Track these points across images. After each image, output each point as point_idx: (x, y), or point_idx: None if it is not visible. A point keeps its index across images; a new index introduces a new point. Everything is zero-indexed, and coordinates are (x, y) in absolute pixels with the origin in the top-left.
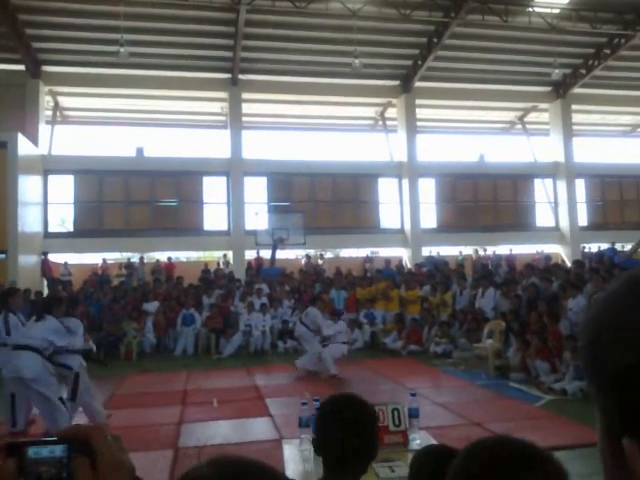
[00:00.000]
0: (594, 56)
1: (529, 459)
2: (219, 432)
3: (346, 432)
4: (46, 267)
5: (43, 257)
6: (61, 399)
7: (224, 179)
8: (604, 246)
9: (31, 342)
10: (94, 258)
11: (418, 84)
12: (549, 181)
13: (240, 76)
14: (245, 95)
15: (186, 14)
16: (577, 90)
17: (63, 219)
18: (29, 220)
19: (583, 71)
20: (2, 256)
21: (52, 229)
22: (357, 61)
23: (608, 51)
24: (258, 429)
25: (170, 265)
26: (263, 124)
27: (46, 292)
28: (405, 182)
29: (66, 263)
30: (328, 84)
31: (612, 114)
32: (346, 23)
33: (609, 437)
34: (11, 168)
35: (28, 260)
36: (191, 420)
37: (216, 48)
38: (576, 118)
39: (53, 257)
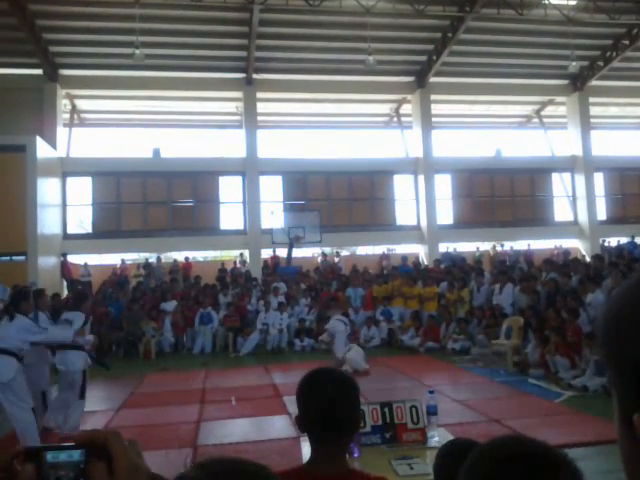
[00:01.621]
0: (612, 47)
1: (543, 459)
2: (237, 430)
3: (329, 405)
4: (65, 268)
5: (62, 258)
6: (33, 410)
7: (240, 178)
8: (623, 240)
9: (4, 345)
10: (113, 259)
11: (433, 79)
12: (567, 175)
13: (254, 75)
14: (260, 94)
15: (200, 15)
16: (595, 82)
17: (81, 220)
18: (48, 222)
19: (601, 63)
20: (22, 258)
21: (71, 230)
22: (371, 58)
23: (627, 42)
24: (276, 427)
25: (187, 265)
26: (278, 123)
27: (65, 293)
28: (421, 178)
29: (86, 264)
30: (342, 81)
31: (631, 106)
32: (360, 20)
33: (625, 422)
34: (30, 171)
35: (47, 262)
36: (210, 418)
37: (230, 48)
38: (594, 111)
39: (72, 258)
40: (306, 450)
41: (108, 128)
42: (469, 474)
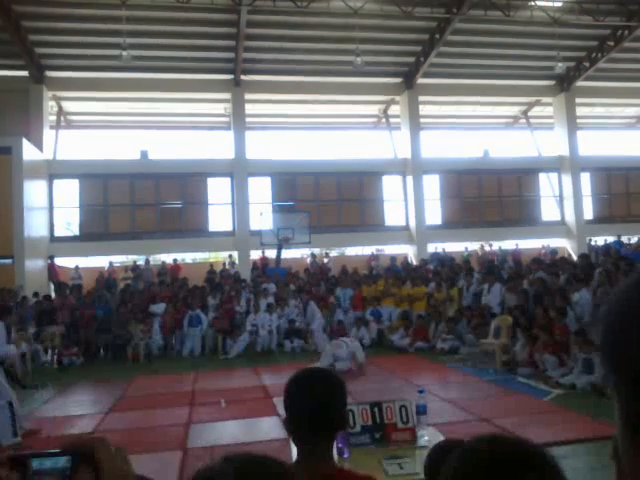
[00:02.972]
0: (597, 48)
1: (527, 458)
2: (227, 432)
3: (317, 405)
4: (53, 271)
5: (49, 261)
6: (10, 403)
7: (228, 180)
8: (610, 239)
9: None
10: (101, 261)
11: (421, 81)
12: (554, 175)
13: (242, 77)
14: (248, 96)
15: (187, 16)
16: (581, 83)
17: (69, 223)
18: (35, 225)
19: (587, 64)
20: (9, 261)
21: (58, 233)
22: (359, 59)
23: (612, 43)
24: (266, 428)
25: (176, 267)
26: (266, 124)
27: (53, 296)
28: (409, 179)
29: (77, 267)
30: (331, 83)
31: (616, 106)
32: (348, 21)
33: (629, 428)
34: (16, 173)
35: (35, 264)
36: (199, 421)
37: (218, 49)
38: (580, 111)
39: (60, 261)
40: (296, 451)
41: (95, 130)
42: (451, 476)
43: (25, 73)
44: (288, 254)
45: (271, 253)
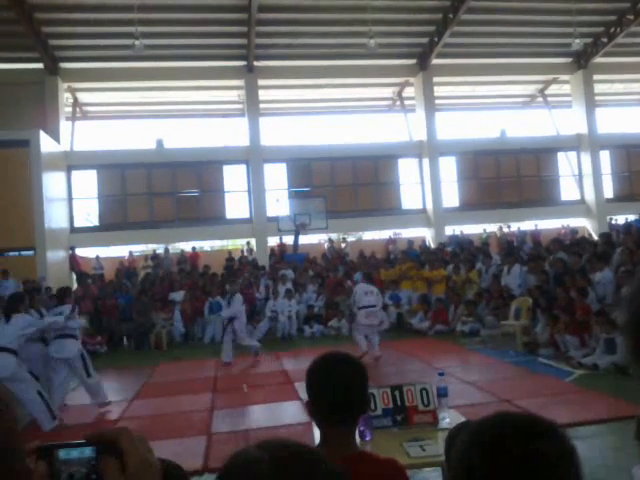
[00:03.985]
0: (616, 23)
1: (545, 431)
2: (250, 417)
3: (342, 389)
4: (74, 261)
5: (70, 252)
6: (39, 392)
7: (244, 167)
8: (631, 217)
9: (3, 343)
10: (121, 251)
11: (435, 61)
12: (573, 154)
13: (255, 63)
14: (261, 82)
15: (199, 3)
16: (599, 59)
17: (88, 213)
18: (55, 216)
19: (604, 39)
20: (30, 253)
21: (78, 224)
22: (372, 41)
23: (631, 17)
24: (288, 413)
25: (194, 255)
26: (280, 110)
27: (75, 286)
28: (425, 161)
29: (98, 257)
30: (344, 66)
31: (636, 82)
32: (360, 3)
33: None
34: (35, 165)
35: (56, 255)
36: (222, 406)
37: (230, 36)
38: (598, 88)
39: (81, 251)
40: (318, 435)
41: (111, 120)
42: (470, 447)
43: (40, 65)
44: (305, 240)
45: (288, 239)
